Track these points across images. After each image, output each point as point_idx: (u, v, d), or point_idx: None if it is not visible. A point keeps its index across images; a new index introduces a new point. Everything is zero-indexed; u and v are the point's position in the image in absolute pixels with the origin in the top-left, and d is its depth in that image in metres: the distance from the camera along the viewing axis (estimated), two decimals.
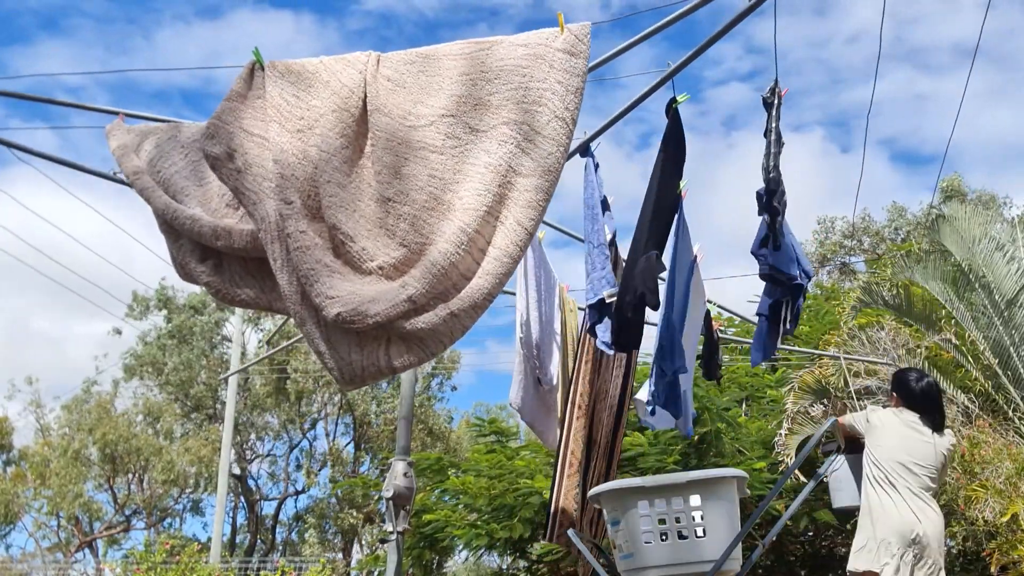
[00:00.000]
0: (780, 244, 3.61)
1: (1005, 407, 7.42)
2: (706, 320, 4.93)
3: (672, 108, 3.51)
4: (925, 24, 38.89)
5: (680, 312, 3.90)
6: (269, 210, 2.75)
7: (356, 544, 24.51)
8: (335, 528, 24.52)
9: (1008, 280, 7.73)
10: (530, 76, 2.65)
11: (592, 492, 3.73)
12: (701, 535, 3.39)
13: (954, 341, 7.88)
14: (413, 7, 43.53)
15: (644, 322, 3.59)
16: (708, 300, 4.97)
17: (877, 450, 4.38)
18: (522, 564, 9.86)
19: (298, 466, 25.71)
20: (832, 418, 4.62)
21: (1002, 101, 38.28)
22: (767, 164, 3.40)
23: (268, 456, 25.97)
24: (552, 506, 4.76)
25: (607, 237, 3.94)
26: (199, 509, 25.58)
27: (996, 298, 7.72)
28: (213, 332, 24.54)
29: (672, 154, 3.54)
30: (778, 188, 3.41)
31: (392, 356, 2.62)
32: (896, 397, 4.56)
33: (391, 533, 4.94)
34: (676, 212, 3.66)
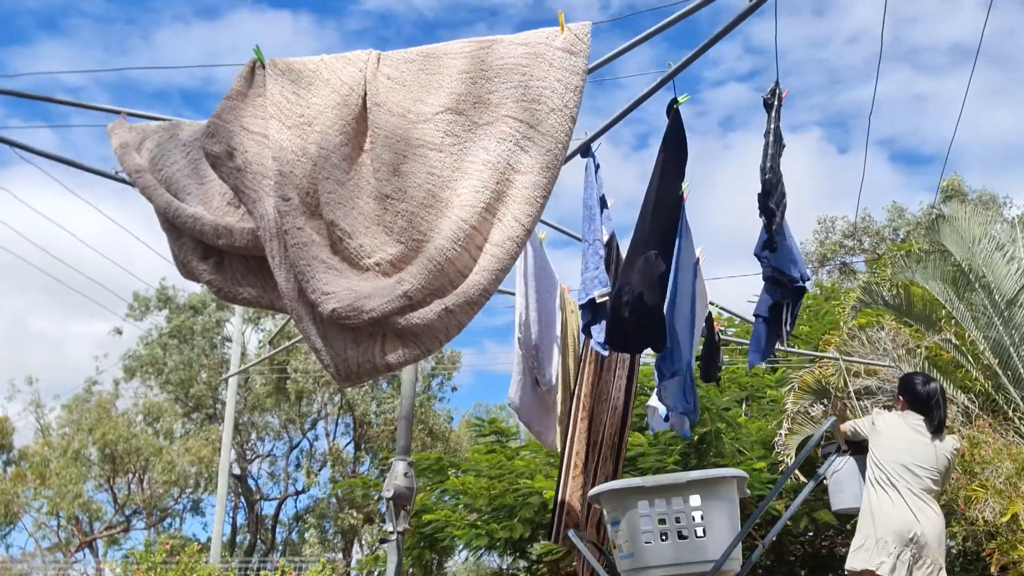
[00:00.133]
0: (776, 246, 3.59)
1: (1005, 407, 7.42)
2: (708, 322, 4.93)
3: (673, 109, 3.51)
4: (924, 24, 38.91)
5: (682, 314, 3.89)
6: (268, 207, 2.75)
7: (356, 544, 24.51)
8: (335, 528, 24.51)
9: (1008, 280, 7.73)
10: (530, 74, 2.64)
11: (592, 492, 3.72)
12: (701, 535, 3.38)
13: (954, 341, 7.88)
14: (412, 7, 43.56)
15: (647, 324, 3.51)
16: (709, 301, 4.97)
17: (880, 452, 4.40)
18: (522, 564, 9.87)
19: (298, 466, 25.72)
20: (832, 418, 4.63)
21: (1002, 101, 38.29)
22: (764, 165, 3.40)
23: (268, 456, 26.00)
24: (557, 507, 4.76)
25: (604, 237, 3.94)
26: (199, 509, 25.61)
27: (996, 298, 7.72)
28: (213, 332, 24.55)
29: (673, 155, 3.53)
30: (774, 189, 3.40)
31: (387, 352, 2.61)
32: (902, 400, 4.60)
33: (391, 533, 4.94)
34: (678, 213, 3.65)
